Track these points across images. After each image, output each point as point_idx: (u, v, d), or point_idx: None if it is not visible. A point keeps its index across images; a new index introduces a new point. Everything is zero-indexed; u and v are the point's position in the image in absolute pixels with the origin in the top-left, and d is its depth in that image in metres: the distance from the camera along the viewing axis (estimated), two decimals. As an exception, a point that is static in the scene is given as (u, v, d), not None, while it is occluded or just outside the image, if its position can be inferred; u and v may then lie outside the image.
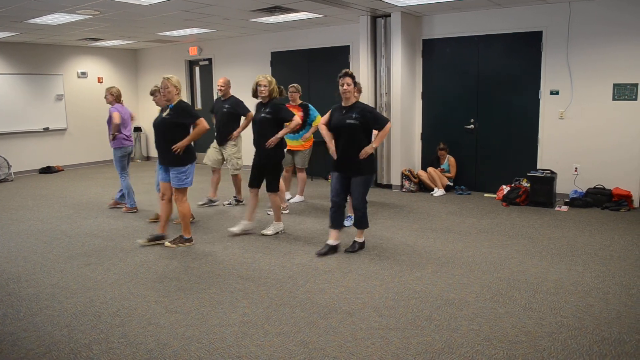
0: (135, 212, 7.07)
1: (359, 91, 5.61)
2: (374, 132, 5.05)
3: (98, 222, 6.56)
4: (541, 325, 3.49)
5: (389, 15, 8.09)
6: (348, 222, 6.01)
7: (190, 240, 5.51)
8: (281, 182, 6.27)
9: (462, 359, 3.08)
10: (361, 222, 5.14)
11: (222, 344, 3.32)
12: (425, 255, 5.06)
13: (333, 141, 5.03)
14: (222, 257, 5.08)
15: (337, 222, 5.17)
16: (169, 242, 5.47)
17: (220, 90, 7.08)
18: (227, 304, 3.94)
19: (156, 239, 5.51)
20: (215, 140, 7.22)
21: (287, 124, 5.63)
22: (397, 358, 3.10)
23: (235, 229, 5.87)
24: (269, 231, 5.85)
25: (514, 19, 7.50)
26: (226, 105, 6.99)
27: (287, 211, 6.93)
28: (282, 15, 8.05)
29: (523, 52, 7.53)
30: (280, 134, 5.55)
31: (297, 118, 5.64)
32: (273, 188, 5.69)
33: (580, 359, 3.05)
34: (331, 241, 5.16)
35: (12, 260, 5.13)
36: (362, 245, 5.25)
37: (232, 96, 7.08)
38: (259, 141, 5.62)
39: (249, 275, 4.57)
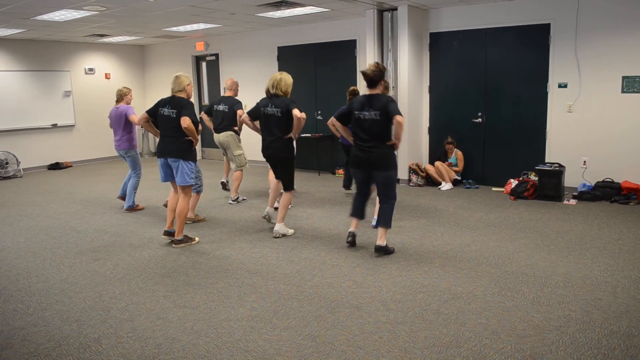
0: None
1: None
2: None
3: (106, 218, 6.60)
4: (549, 319, 3.48)
5: (396, 9, 8.05)
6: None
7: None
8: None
9: (470, 352, 3.08)
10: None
11: (230, 338, 3.34)
12: (433, 249, 5.06)
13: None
14: (229, 252, 5.09)
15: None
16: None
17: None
18: (235, 299, 3.96)
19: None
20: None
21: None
22: (405, 352, 3.11)
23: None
24: (287, 231, 5.65)
25: (522, 12, 7.45)
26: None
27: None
28: (289, 10, 8.03)
29: (531, 45, 7.48)
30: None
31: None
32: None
33: (588, 353, 3.04)
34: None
35: (21, 255, 5.17)
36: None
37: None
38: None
39: (257, 269, 4.58)
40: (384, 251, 4.88)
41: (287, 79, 5.41)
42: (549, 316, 3.52)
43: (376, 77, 4.72)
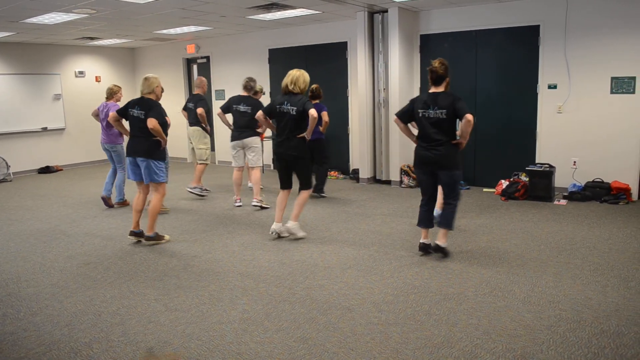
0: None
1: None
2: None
3: (97, 222, 6.57)
4: (540, 319, 3.50)
5: (386, 11, 8.08)
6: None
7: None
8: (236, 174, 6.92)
9: (461, 353, 3.09)
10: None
11: (222, 341, 3.33)
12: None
13: None
14: (221, 255, 5.08)
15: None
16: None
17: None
18: (226, 301, 3.95)
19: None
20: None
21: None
22: (397, 353, 3.11)
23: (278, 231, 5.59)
24: (298, 233, 5.57)
25: (512, 13, 7.49)
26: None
27: (241, 204, 7.20)
28: (279, 12, 8.04)
29: (521, 46, 7.53)
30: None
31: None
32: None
33: (579, 352, 3.06)
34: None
35: (11, 260, 5.13)
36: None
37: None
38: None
39: (249, 272, 4.58)
40: (442, 252, 4.82)
41: (306, 76, 5.41)
42: (539, 316, 3.55)
43: (444, 73, 4.63)
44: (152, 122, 5.13)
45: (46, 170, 11.04)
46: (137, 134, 5.33)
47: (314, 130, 7.29)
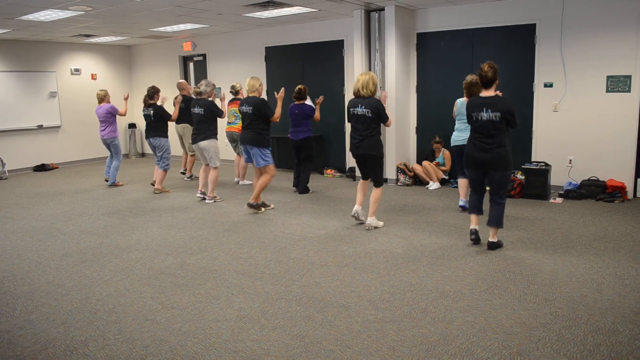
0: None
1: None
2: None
3: (93, 220, 6.55)
4: (536, 316, 3.51)
5: (383, 9, 8.07)
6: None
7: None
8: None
9: (457, 350, 3.10)
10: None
11: (219, 339, 3.33)
12: (421, 248, 5.08)
13: None
14: (217, 253, 5.08)
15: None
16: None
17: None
18: (223, 299, 3.95)
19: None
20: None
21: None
22: (393, 350, 3.12)
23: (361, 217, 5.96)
24: (377, 224, 5.86)
25: (508, 12, 7.50)
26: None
27: (221, 199, 7.50)
28: (276, 10, 8.03)
29: (517, 44, 7.54)
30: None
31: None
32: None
33: (574, 349, 3.07)
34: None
35: (6, 258, 5.11)
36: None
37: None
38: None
39: (245, 270, 4.58)
40: (496, 246, 4.97)
41: (374, 78, 5.60)
42: (535, 313, 3.56)
43: (494, 76, 4.74)
44: (273, 118, 6.51)
45: (42, 168, 11.01)
46: (247, 126, 6.49)
47: (303, 129, 7.62)
